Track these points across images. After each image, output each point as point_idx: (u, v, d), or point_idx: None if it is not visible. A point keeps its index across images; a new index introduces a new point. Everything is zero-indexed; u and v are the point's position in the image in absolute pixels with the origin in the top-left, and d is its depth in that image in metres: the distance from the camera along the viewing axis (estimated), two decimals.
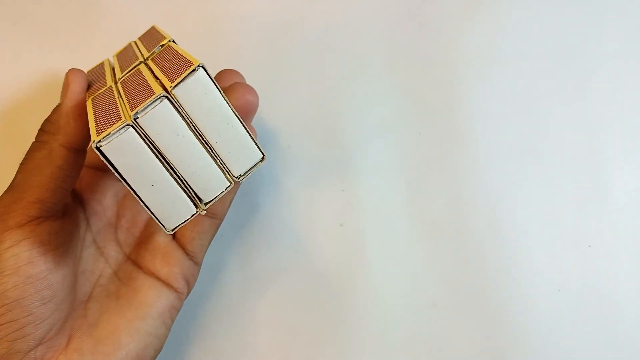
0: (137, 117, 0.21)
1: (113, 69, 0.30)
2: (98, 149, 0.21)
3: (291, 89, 0.36)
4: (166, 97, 0.22)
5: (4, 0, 0.37)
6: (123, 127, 0.21)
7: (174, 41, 0.27)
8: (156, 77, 0.24)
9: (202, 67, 0.22)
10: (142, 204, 0.23)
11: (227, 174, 0.24)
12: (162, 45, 0.27)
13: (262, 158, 0.25)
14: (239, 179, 0.25)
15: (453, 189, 0.35)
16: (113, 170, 0.22)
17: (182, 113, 0.22)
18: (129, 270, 0.30)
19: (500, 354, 0.34)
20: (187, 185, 0.24)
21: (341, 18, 0.37)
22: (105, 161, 0.21)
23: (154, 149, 0.22)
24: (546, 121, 0.36)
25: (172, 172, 0.23)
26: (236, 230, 0.36)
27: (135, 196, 0.22)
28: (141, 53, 0.28)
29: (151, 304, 0.29)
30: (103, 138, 0.21)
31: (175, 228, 0.24)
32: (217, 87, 0.22)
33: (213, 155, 0.24)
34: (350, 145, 0.36)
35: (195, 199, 0.24)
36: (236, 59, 0.37)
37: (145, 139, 0.22)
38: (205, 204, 0.24)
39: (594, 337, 0.34)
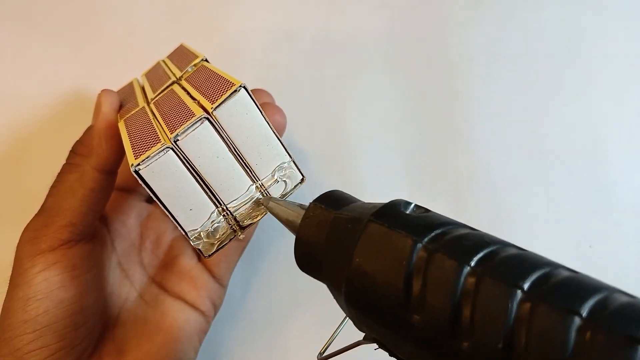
0: (178, 140, 0.21)
1: (143, 89, 0.29)
2: (137, 172, 0.20)
3: (291, 90, 0.36)
4: (207, 118, 0.21)
5: (7, 0, 0.37)
6: (163, 149, 0.20)
7: (206, 60, 0.26)
8: (193, 98, 0.23)
9: (244, 87, 0.21)
10: (180, 228, 0.22)
11: (266, 196, 0.24)
12: (194, 65, 0.26)
13: (302, 179, 0.24)
14: None
15: (454, 188, 0.35)
16: (151, 194, 0.21)
17: (223, 135, 0.22)
18: (155, 293, 0.29)
19: None
20: (226, 209, 0.23)
21: (341, 18, 0.37)
22: (143, 185, 0.21)
23: (193, 172, 0.22)
24: (548, 121, 0.35)
25: (211, 195, 0.22)
26: None
27: (173, 221, 0.22)
28: (172, 73, 0.27)
29: (180, 327, 0.28)
30: (142, 161, 0.20)
31: (213, 253, 0.23)
32: (258, 107, 0.22)
33: (252, 177, 0.23)
34: (350, 145, 0.35)
35: (233, 222, 0.23)
36: (236, 60, 0.36)
37: (185, 161, 0.21)
38: (243, 227, 0.24)
39: None
